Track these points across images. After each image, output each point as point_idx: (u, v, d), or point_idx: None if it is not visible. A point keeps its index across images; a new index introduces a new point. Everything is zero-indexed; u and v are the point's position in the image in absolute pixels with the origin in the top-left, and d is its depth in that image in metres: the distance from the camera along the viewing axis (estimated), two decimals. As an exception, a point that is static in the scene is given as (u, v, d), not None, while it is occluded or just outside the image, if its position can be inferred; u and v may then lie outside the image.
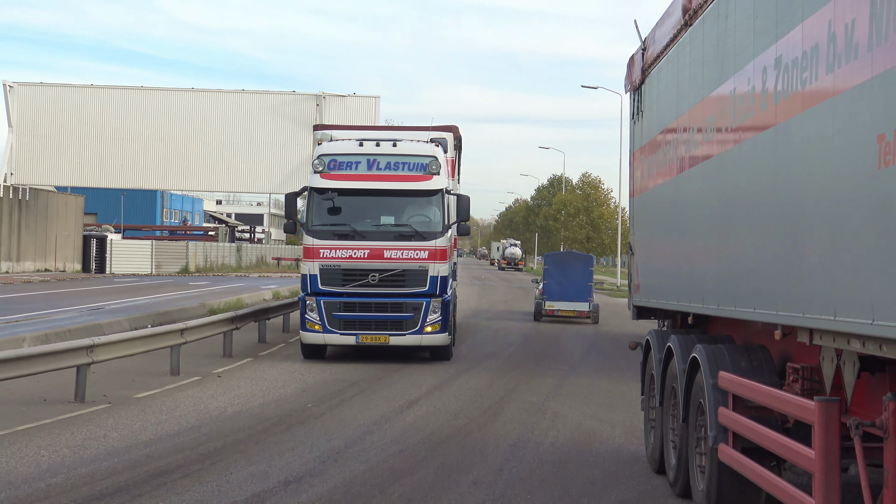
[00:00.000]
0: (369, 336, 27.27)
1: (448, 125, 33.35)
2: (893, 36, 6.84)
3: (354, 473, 13.94)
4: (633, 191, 17.20)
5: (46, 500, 11.89)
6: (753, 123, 10.05)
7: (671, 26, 13.94)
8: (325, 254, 27.17)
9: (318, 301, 26.96)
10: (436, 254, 27.28)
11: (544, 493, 12.98)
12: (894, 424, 7.37)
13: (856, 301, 7.44)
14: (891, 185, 6.85)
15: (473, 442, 16.53)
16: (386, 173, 27.47)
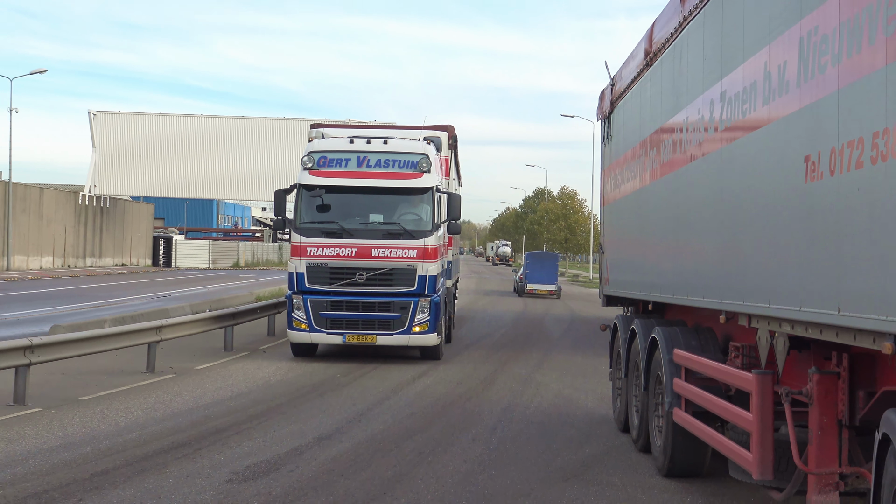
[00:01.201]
0: (356, 336, 22.09)
1: (443, 124, 27.28)
2: (818, 75, 6.86)
3: (375, 431, 13.95)
4: (604, 201, 17.22)
5: (124, 452, 11.89)
6: (702, 146, 10.05)
7: (635, 66, 13.94)
8: (311, 252, 22.21)
9: (304, 300, 22.02)
10: (425, 252, 22.12)
11: (530, 448, 12.97)
12: (817, 393, 7.41)
13: (786, 292, 7.46)
14: (815, 198, 6.88)
15: (472, 406, 16.53)
16: (376, 170, 22.45)
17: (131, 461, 11.49)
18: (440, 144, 24.36)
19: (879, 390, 6.90)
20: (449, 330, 26.70)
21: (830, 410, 7.40)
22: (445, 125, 26.90)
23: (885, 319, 5.69)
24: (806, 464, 7.53)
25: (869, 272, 5.99)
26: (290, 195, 22.65)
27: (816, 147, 6.83)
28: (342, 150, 22.50)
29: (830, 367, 7.47)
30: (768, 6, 8.06)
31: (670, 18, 11.68)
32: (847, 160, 6.32)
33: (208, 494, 10.04)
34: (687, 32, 10.90)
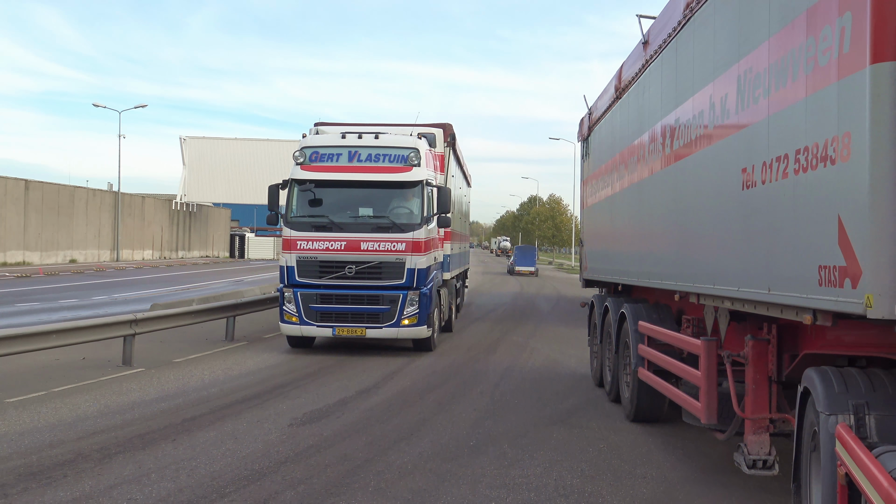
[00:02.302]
0: (345, 328, 17.90)
1: (440, 123, 22.79)
2: (752, 105, 6.84)
3: (404, 386, 13.97)
4: (583, 205, 17.19)
5: (208, 402, 12.00)
6: (661, 162, 10.02)
7: (607, 99, 13.90)
8: (302, 245, 18.11)
9: (295, 293, 17.90)
10: (413, 246, 17.81)
11: (526, 399, 12.94)
12: (752, 355, 7.39)
13: (727, 276, 7.44)
14: (750, 202, 6.86)
15: (480, 367, 16.49)
16: (367, 165, 18.31)
17: (214, 409, 11.56)
18: (434, 140, 20.35)
19: (801, 353, 6.90)
20: (450, 319, 22.43)
21: (762, 369, 7.39)
22: (442, 123, 22.14)
23: (806, 297, 5.70)
24: (743, 411, 7.52)
25: (793, 261, 5.98)
26: (284, 190, 18.68)
27: (751, 161, 6.81)
28: (334, 145, 18.33)
29: (762, 335, 7.46)
30: (713, 51, 8.03)
31: (635, 61, 11.66)
32: (775, 172, 6.30)
33: (274, 435, 10.06)
34: (648, 72, 10.85)
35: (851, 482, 4.93)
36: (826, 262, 5.41)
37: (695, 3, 8.61)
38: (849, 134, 5.18)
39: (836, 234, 5.29)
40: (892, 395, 5.46)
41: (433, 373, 15.51)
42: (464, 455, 9.36)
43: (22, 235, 55.56)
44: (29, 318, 22.30)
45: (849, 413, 5.38)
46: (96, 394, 12.57)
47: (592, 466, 8.92)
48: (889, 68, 4.91)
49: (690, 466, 8.99)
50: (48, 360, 15.51)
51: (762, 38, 6.68)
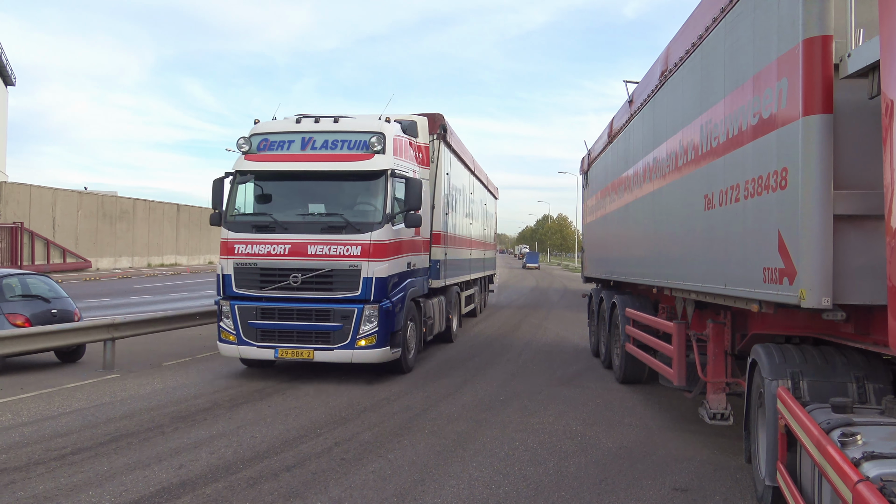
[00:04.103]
0: (290, 350, 11.00)
1: (428, 112, 14.23)
2: (712, 146, 6.73)
3: (450, 355, 13.84)
4: (584, 221, 17.01)
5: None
6: (642, 189, 9.88)
7: (602, 143, 13.76)
8: (240, 250, 11.36)
9: (232, 306, 11.26)
10: (372, 249, 10.99)
11: (541, 364, 12.83)
12: (712, 335, 7.27)
13: (693, 275, 7.33)
14: (711, 220, 6.75)
15: (507, 341, 16.34)
16: (321, 153, 11.58)
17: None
18: (414, 129, 12.85)
19: (749, 333, 6.75)
20: (449, 329, 15.23)
21: (720, 345, 7.26)
22: (430, 113, 13.94)
23: (753, 291, 5.61)
24: (706, 376, 7.39)
25: (743, 263, 5.88)
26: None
27: (711, 189, 6.70)
28: (286, 131, 11.58)
29: (720, 319, 7.33)
30: (681, 107, 7.92)
31: (623, 115, 11.52)
32: (730, 197, 6.20)
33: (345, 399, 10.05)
34: (633, 123, 10.72)
35: (790, 431, 4.83)
36: (769, 265, 5.31)
37: (668, 72, 8.50)
38: (786, 168, 5.09)
39: (776, 244, 5.19)
40: (820, 366, 5.34)
41: (473, 345, 15.40)
42: (496, 406, 9.31)
43: (174, 244, 56.56)
44: (182, 303, 22.67)
45: (787, 379, 5.27)
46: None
47: (591, 416, 8.82)
48: (816, 119, 4.84)
49: (665, 417, 8.85)
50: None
51: (719, 97, 6.58)
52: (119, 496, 5.78)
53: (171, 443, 7.32)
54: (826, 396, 5.02)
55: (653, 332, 9.48)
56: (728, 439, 7.65)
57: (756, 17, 5.78)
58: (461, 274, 16.89)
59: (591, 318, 14.85)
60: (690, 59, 7.61)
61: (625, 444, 7.54)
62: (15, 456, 6.83)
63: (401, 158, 11.52)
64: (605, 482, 6.31)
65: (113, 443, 7.30)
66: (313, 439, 7.51)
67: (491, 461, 6.85)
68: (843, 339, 5.31)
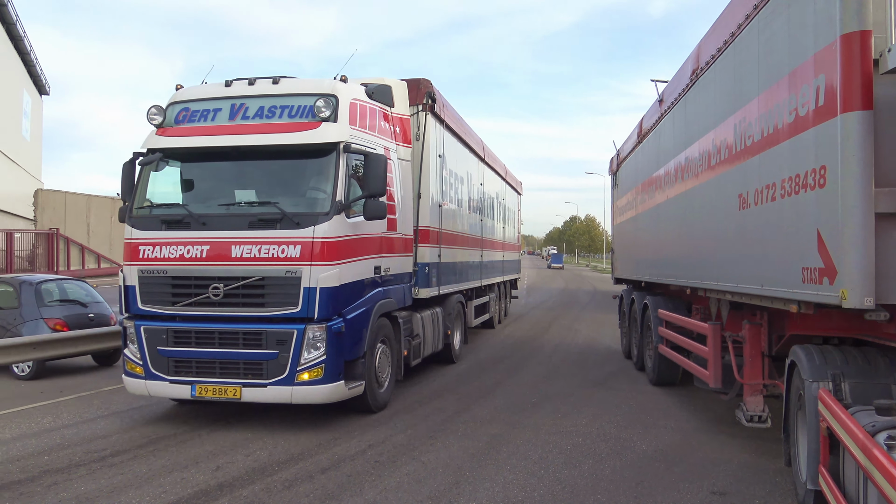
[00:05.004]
0: (210, 386, 7.61)
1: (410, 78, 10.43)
2: (746, 145, 6.63)
3: (481, 358, 13.82)
4: (613, 223, 16.87)
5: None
6: (674, 189, 9.77)
7: (631, 143, 13.66)
8: (146, 253, 7.88)
9: (137, 328, 7.90)
10: (315, 249, 7.49)
11: (572, 367, 12.75)
12: (748, 336, 7.17)
13: (728, 276, 7.22)
14: (746, 220, 6.65)
15: (537, 343, 16.27)
16: (254, 123, 8.01)
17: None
18: (387, 96, 9.42)
19: (787, 334, 6.65)
20: (449, 346, 12.41)
21: (757, 346, 7.16)
22: (414, 78, 10.53)
23: (792, 291, 5.51)
24: (742, 377, 7.29)
25: (780, 264, 5.79)
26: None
27: (746, 188, 6.60)
28: (211, 97, 8.41)
29: (756, 320, 7.22)
30: (714, 106, 7.83)
31: (653, 115, 11.43)
32: (765, 196, 6.11)
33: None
34: (663, 123, 10.63)
35: (832, 434, 4.74)
36: (808, 265, 5.22)
37: (699, 71, 8.41)
38: (825, 167, 5.00)
39: (815, 244, 5.10)
40: (862, 367, 5.24)
41: (503, 347, 15.36)
42: (528, 409, 9.27)
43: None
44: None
45: (828, 380, 5.18)
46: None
47: (625, 419, 8.74)
48: (856, 116, 4.75)
49: (701, 420, 8.74)
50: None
51: (753, 96, 6.49)
52: (158, 497, 5.87)
53: (207, 446, 7.40)
54: (869, 398, 4.93)
55: (686, 333, 9.37)
56: (766, 442, 7.53)
57: (791, 14, 5.70)
58: (466, 280, 13.74)
59: (622, 320, 14.73)
60: (723, 57, 7.52)
61: (660, 447, 7.46)
62: (57, 458, 6.97)
63: (363, 130, 8.47)
64: (641, 485, 6.26)
65: (151, 445, 7.41)
66: (347, 441, 7.55)
67: (525, 464, 6.83)
68: (886, 340, 5.21)
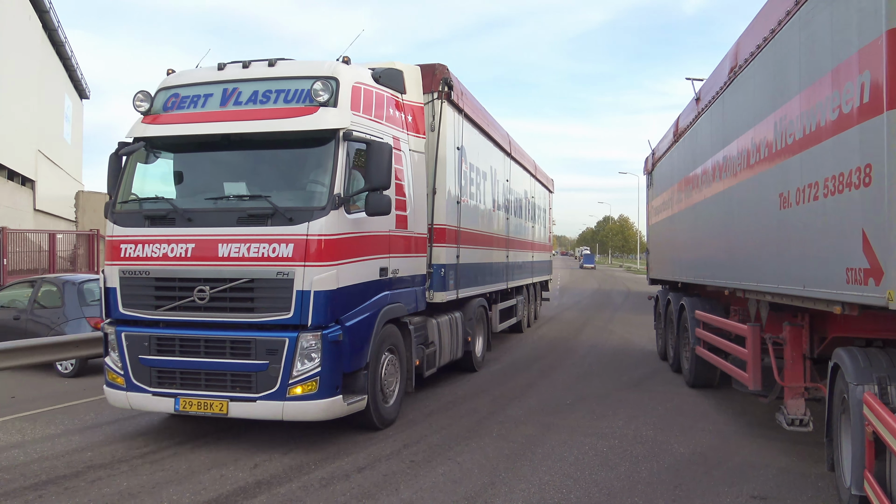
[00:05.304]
0: (195, 400, 6.87)
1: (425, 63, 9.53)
2: (787, 143, 6.52)
3: (516, 357, 13.79)
4: (649, 223, 16.72)
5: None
6: (711, 188, 9.65)
7: (667, 142, 13.52)
8: (128, 251, 7.14)
9: (118, 335, 7.17)
10: (310, 248, 6.66)
11: (607, 368, 12.65)
12: (789, 337, 7.06)
13: (768, 276, 7.10)
14: (787, 219, 6.53)
15: (571, 344, 16.18)
16: (247, 109, 7.14)
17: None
18: (397, 81, 8.52)
19: (829, 336, 6.54)
20: (470, 353, 11.46)
21: (798, 348, 7.04)
22: (431, 63, 9.73)
23: (835, 292, 5.40)
24: (783, 380, 7.18)
25: (823, 264, 5.68)
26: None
27: (787, 187, 6.49)
28: (203, 81, 7.59)
29: (797, 322, 7.10)
30: (753, 104, 7.71)
31: (689, 113, 11.30)
32: (807, 195, 6.00)
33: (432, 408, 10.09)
34: (700, 121, 10.50)
35: (878, 438, 4.64)
36: (852, 265, 5.11)
37: (737, 69, 8.29)
38: (870, 165, 4.89)
39: (860, 244, 4.99)
40: (909, 370, 5.12)
41: (536, 347, 15.30)
42: (562, 410, 9.23)
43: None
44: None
45: (874, 384, 5.07)
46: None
47: (662, 421, 8.65)
48: (903, 113, 4.64)
49: (740, 423, 8.61)
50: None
51: (794, 93, 6.38)
52: (198, 494, 5.97)
53: (245, 443, 7.51)
54: (916, 402, 4.81)
55: (724, 334, 9.24)
56: (807, 446, 7.39)
57: (834, 9, 5.59)
58: (489, 282, 12.74)
59: (657, 321, 14.58)
60: (762, 55, 7.41)
61: (698, 450, 7.37)
62: (99, 454, 7.13)
63: (367, 116, 7.62)
64: (679, 488, 6.19)
65: (189, 442, 7.53)
66: (382, 441, 7.59)
67: (561, 465, 6.80)
68: (934, 343, 5.09)
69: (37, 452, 7.19)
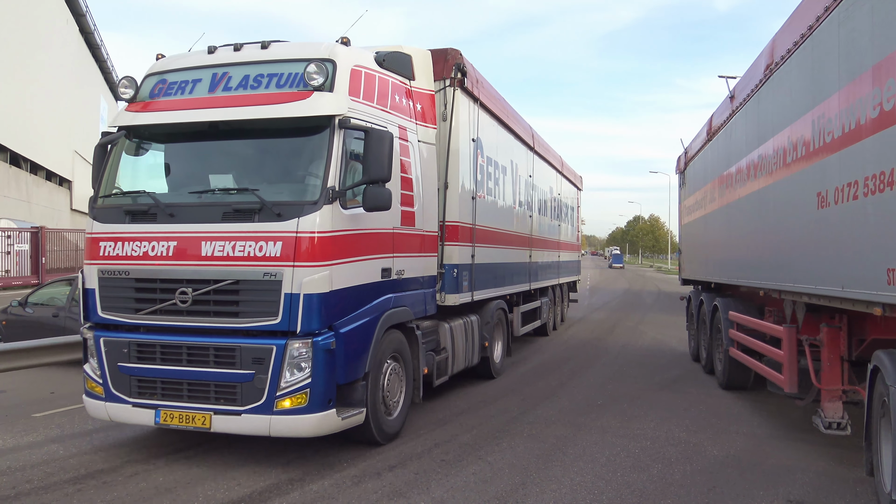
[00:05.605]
0: (176, 412, 6.22)
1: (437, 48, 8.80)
2: (825, 142, 6.41)
3: (544, 359, 13.74)
4: (681, 222, 16.53)
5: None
6: (746, 188, 9.51)
7: (700, 141, 13.37)
8: (107, 249, 6.46)
9: (97, 340, 6.50)
10: (300, 247, 5.98)
11: (638, 369, 12.55)
12: (827, 339, 6.94)
13: (804, 277, 6.99)
14: (825, 219, 6.42)
15: (602, 344, 16.07)
16: (237, 94, 6.42)
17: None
18: (404, 66, 7.78)
19: (869, 338, 6.42)
20: (488, 360, 10.76)
21: (836, 350, 6.92)
22: (443, 48, 9.05)
23: (876, 293, 5.30)
24: (820, 382, 7.05)
25: (863, 264, 5.58)
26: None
27: (825, 186, 6.38)
28: (192, 66, 6.89)
29: (835, 323, 6.98)
30: (790, 102, 7.59)
31: (723, 112, 11.16)
32: (847, 194, 5.89)
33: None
34: (734, 119, 10.36)
35: (920, 442, 4.54)
36: (894, 266, 5.01)
37: (773, 66, 8.17)
38: (913, 163, 4.79)
39: (902, 244, 4.89)
40: (953, 373, 5.00)
41: (567, 348, 15.23)
42: (594, 411, 9.18)
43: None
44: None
45: (915, 387, 4.96)
46: None
47: (695, 423, 8.55)
48: (947, 110, 4.52)
49: (775, 425, 8.48)
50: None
51: (833, 90, 6.27)
52: (231, 490, 6.05)
53: (278, 441, 7.57)
54: (961, 406, 4.69)
55: (759, 335, 9.09)
56: (845, 450, 7.26)
57: (875, 4, 5.48)
58: (509, 283, 12.04)
59: (689, 322, 14.42)
60: (799, 52, 7.29)
61: (732, 453, 7.27)
62: (136, 448, 7.25)
63: (368, 103, 6.95)
64: (713, 491, 6.11)
65: (223, 439, 7.63)
66: (413, 440, 7.62)
67: (592, 466, 6.76)
68: (979, 345, 4.96)
69: (75, 447, 7.34)
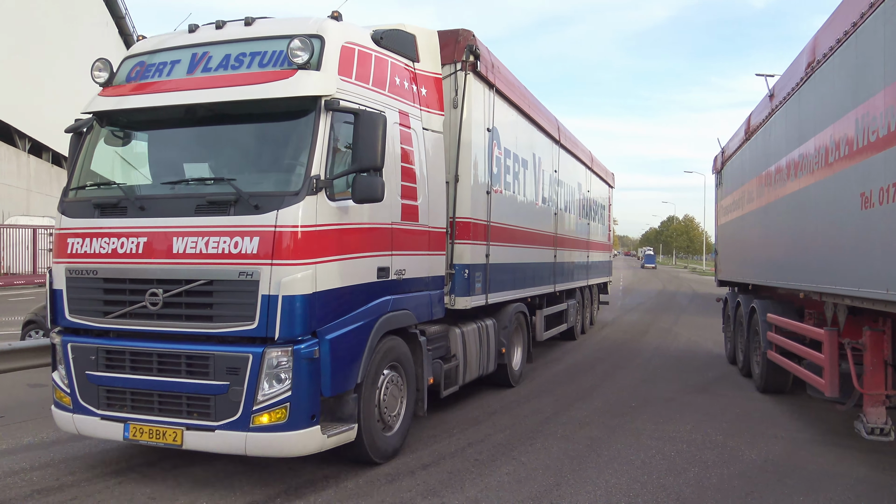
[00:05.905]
0: (146, 427, 5.48)
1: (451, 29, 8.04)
2: (869, 141, 6.28)
3: (577, 359, 13.66)
4: (717, 223, 16.30)
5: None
6: (786, 188, 9.35)
7: (737, 141, 13.19)
8: (75, 247, 5.76)
9: (64, 346, 5.80)
10: (279, 242, 5.22)
11: (673, 371, 12.41)
12: (870, 343, 6.80)
13: (846, 279, 6.87)
14: (869, 220, 6.30)
15: (635, 346, 15.93)
16: (217, 75, 5.65)
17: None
18: (407, 45, 6.92)
19: (914, 342, 6.27)
20: (505, 367, 9.89)
21: (879, 354, 6.78)
22: (453, 29, 8.18)
23: (922, 297, 5.18)
24: (862, 387, 6.91)
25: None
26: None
27: (869, 186, 6.25)
28: (172, 46, 6.13)
29: (878, 327, 6.84)
30: (832, 100, 7.45)
31: (762, 110, 10.99)
32: (891, 195, 5.77)
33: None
34: (774, 118, 10.20)
35: (968, 450, 4.42)
36: (941, 269, 4.89)
37: (815, 64, 8.03)
38: (963, 163, 4.67)
39: (950, 246, 4.77)
40: None
41: (600, 349, 15.12)
42: (627, 413, 9.10)
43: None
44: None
45: (964, 393, 4.83)
46: None
47: (732, 426, 8.43)
48: None
49: (814, 430, 8.33)
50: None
51: (878, 89, 6.14)
52: (270, 486, 6.12)
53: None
54: None
55: (798, 338, 8.93)
56: (888, 456, 7.10)
57: (923, 0, 5.35)
58: (530, 285, 11.18)
59: (726, 324, 14.22)
60: (842, 49, 7.15)
61: (770, 457, 7.16)
62: (147, 449, 7.37)
63: (362, 84, 6.23)
64: (751, 496, 6.03)
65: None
66: (446, 439, 7.64)
67: (627, 468, 6.71)
68: None
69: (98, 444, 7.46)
